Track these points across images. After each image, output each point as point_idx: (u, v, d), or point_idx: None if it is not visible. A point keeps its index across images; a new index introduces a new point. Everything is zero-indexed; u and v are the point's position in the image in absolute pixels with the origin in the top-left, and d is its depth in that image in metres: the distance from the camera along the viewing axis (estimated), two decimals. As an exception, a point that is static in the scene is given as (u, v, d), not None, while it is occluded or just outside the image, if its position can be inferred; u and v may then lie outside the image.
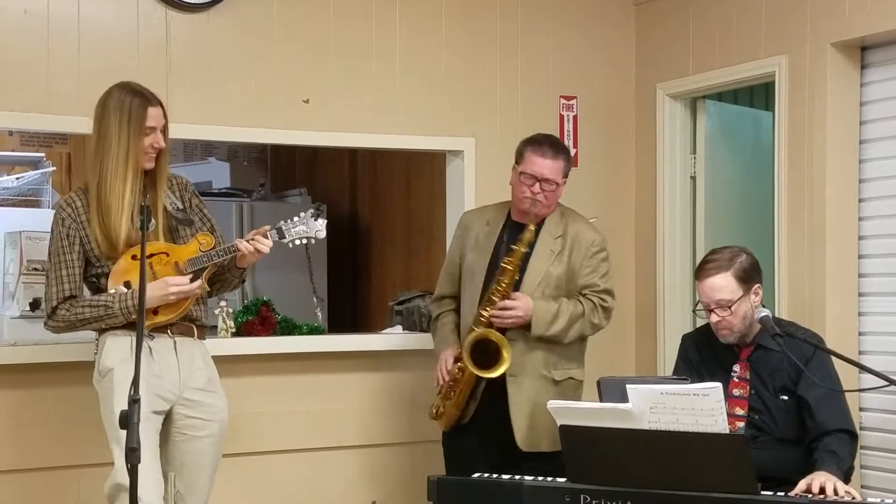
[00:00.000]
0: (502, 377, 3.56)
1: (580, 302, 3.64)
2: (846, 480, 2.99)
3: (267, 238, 3.26)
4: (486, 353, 3.54)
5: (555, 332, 3.57)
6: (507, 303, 3.53)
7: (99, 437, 3.21)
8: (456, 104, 4.48)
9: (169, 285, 3.13)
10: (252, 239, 3.24)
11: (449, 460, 3.80)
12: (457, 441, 3.74)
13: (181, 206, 3.32)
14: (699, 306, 3.33)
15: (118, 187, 3.13)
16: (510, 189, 3.71)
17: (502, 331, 3.54)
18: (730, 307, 3.22)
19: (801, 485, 2.89)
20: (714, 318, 3.25)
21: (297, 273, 5.52)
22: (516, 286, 3.59)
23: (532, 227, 3.55)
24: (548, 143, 3.65)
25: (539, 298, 3.58)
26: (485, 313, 3.56)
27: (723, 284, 3.23)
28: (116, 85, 3.23)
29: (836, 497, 2.81)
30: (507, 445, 3.57)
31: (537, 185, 3.58)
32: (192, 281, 3.17)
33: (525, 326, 3.56)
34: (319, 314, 4.33)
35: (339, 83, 4.28)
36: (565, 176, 3.67)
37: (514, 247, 3.56)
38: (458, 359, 3.62)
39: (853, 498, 2.83)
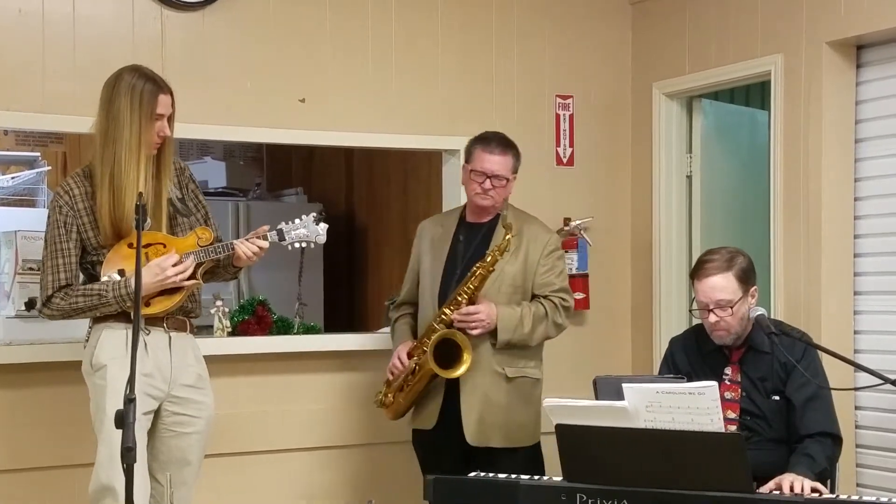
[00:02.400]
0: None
1: (541, 304, 3.69)
2: (821, 481, 2.99)
3: (266, 239, 3.25)
4: (446, 353, 3.60)
5: (521, 337, 3.63)
6: (472, 308, 3.57)
7: (94, 436, 3.21)
8: (452, 103, 4.48)
9: (164, 268, 3.10)
10: (249, 240, 3.23)
11: (421, 462, 3.86)
12: (424, 443, 3.80)
13: (180, 195, 3.31)
14: (694, 306, 3.31)
15: (132, 171, 3.10)
16: (465, 188, 3.80)
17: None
18: (731, 307, 3.21)
19: (771, 484, 2.91)
20: (713, 318, 3.23)
21: (293, 273, 5.52)
22: None
23: (510, 237, 3.57)
24: (496, 141, 3.72)
25: (501, 304, 3.62)
26: (448, 312, 3.61)
27: (724, 284, 3.22)
28: (127, 68, 3.21)
29: (814, 495, 2.82)
30: (464, 442, 3.64)
31: (488, 181, 3.65)
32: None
33: (492, 334, 3.61)
34: (298, 319, 4.32)
35: (335, 82, 4.28)
36: (514, 172, 3.74)
37: (488, 252, 3.60)
38: (411, 355, 3.69)
39: (820, 494, 2.84)
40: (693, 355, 3.39)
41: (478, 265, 3.59)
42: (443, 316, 3.62)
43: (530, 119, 4.64)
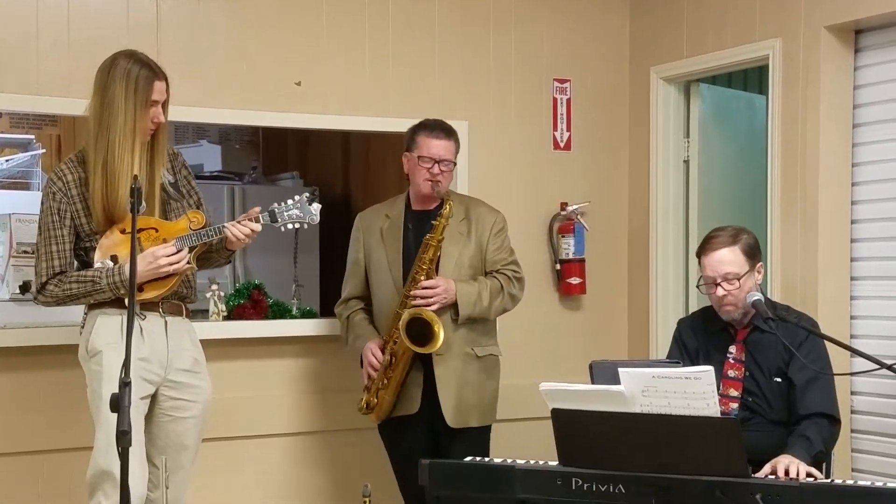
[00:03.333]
0: (429, 358, 3.64)
1: (495, 278, 3.77)
2: (816, 464, 3.01)
3: (258, 221, 3.24)
4: (418, 333, 3.62)
5: (481, 310, 3.70)
6: (431, 282, 3.62)
7: (89, 420, 3.20)
8: (449, 87, 4.47)
9: (158, 257, 3.10)
10: (241, 223, 3.22)
11: (390, 450, 3.89)
12: (395, 428, 3.82)
13: (173, 180, 3.29)
14: (702, 282, 3.34)
15: (126, 158, 3.09)
16: (410, 177, 3.80)
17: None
18: (738, 280, 3.23)
19: (767, 468, 2.92)
20: (720, 291, 3.26)
21: (289, 257, 5.51)
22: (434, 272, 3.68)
23: (450, 203, 3.65)
24: (439, 126, 3.79)
25: (458, 280, 3.68)
26: (409, 293, 3.64)
27: (731, 258, 3.26)
28: (122, 52, 3.18)
29: (809, 480, 2.83)
30: (437, 425, 3.69)
31: (436, 166, 3.71)
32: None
33: (452, 309, 3.66)
34: (296, 301, 4.32)
35: (331, 65, 4.26)
36: (456, 156, 3.81)
37: (434, 222, 3.65)
38: (383, 349, 3.71)
39: (814, 480, 2.85)
40: (700, 334, 3.43)
41: (427, 237, 3.65)
42: (406, 299, 3.66)
43: (527, 103, 4.62)
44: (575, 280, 4.63)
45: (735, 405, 3.27)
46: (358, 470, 4.25)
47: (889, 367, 3.01)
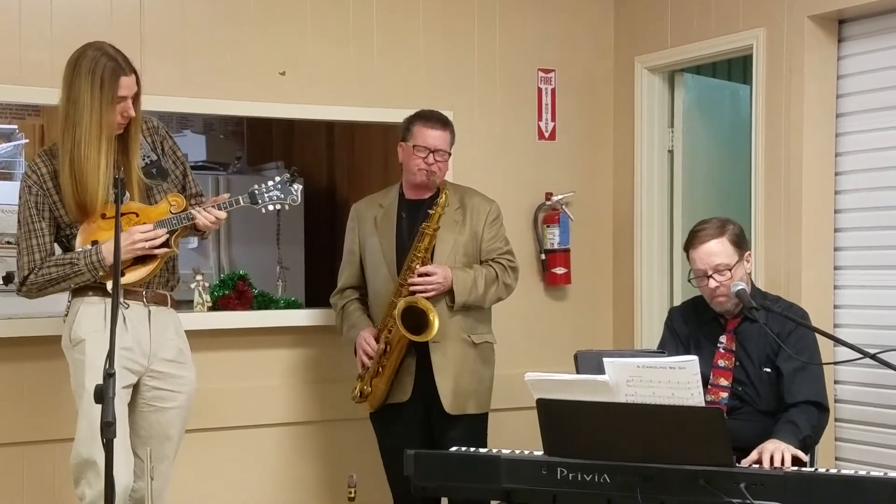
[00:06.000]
0: (425, 345, 3.65)
1: (491, 266, 3.79)
2: (804, 449, 3.02)
3: (233, 205, 3.21)
4: (413, 321, 3.62)
5: (476, 297, 3.72)
6: (429, 268, 3.64)
7: (73, 411, 3.19)
8: (434, 76, 4.46)
9: (133, 233, 3.09)
10: (207, 210, 3.18)
11: (380, 438, 3.89)
12: (385, 416, 3.82)
13: (155, 158, 3.26)
14: (693, 275, 3.35)
15: (93, 156, 3.06)
16: (404, 166, 3.80)
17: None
18: (729, 270, 3.25)
19: (753, 454, 2.93)
20: (713, 283, 3.27)
21: (274, 247, 5.50)
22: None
23: (446, 192, 3.67)
24: (435, 117, 3.81)
25: (454, 268, 3.69)
26: (406, 281, 3.65)
27: (720, 249, 3.27)
28: (90, 45, 3.11)
29: (794, 469, 2.84)
30: (432, 413, 3.70)
31: (431, 156, 3.72)
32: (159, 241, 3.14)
33: (447, 296, 3.68)
34: (281, 284, 4.29)
35: (315, 55, 4.24)
36: (451, 147, 3.82)
37: (430, 211, 3.66)
38: (377, 338, 3.72)
39: (800, 467, 2.86)
40: (692, 324, 3.45)
41: (424, 225, 3.66)
42: (401, 287, 3.66)
43: (512, 93, 4.62)
44: (560, 270, 4.63)
45: (725, 394, 3.28)
46: (345, 460, 4.25)
47: (872, 357, 3.02)
